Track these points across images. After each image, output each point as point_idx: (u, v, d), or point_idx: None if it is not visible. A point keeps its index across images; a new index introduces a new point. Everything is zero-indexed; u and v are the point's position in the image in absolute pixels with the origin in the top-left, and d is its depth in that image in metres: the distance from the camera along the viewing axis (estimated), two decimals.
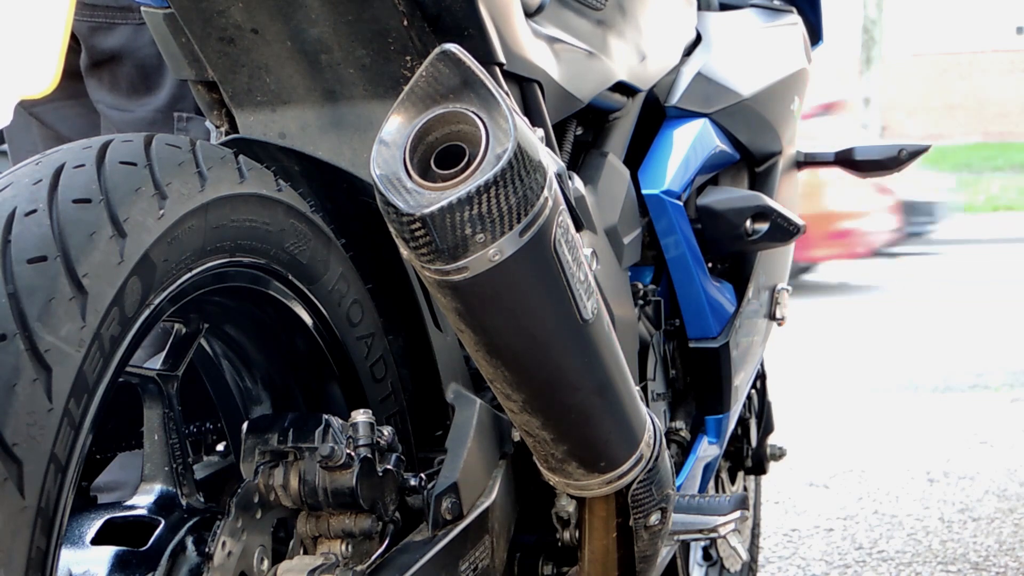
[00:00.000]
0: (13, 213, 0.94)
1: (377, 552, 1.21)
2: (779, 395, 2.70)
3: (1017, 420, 4.19)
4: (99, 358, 0.94)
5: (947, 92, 25.73)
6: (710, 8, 2.15)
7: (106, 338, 0.94)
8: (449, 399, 1.35)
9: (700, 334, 1.94)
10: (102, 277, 0.95)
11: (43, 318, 0.90)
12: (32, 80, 1.13)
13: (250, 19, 1.31)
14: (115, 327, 0.96)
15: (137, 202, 1.00)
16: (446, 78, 1.07)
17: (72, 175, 0.98)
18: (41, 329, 0.89)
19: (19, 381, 0.87)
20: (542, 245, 1.09)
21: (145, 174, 1.02)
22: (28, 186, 0.97)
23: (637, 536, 1.42)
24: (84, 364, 0.92)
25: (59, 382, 0.90)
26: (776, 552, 2.93)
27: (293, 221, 1.19)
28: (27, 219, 0.94)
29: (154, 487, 1.15)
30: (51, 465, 0.89)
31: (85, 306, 0.92)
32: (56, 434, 0.89)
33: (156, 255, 1.00)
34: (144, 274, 0.99)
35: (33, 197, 0.96)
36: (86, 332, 0.92)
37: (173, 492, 1.15)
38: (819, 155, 2.42)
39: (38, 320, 0.89)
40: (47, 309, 0.90)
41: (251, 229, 1.13)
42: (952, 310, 6.66)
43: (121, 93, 1.81)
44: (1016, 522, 3.10)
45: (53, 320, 0.90)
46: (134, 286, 0.98)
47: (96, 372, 0.93)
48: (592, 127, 1.75)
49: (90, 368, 0.92)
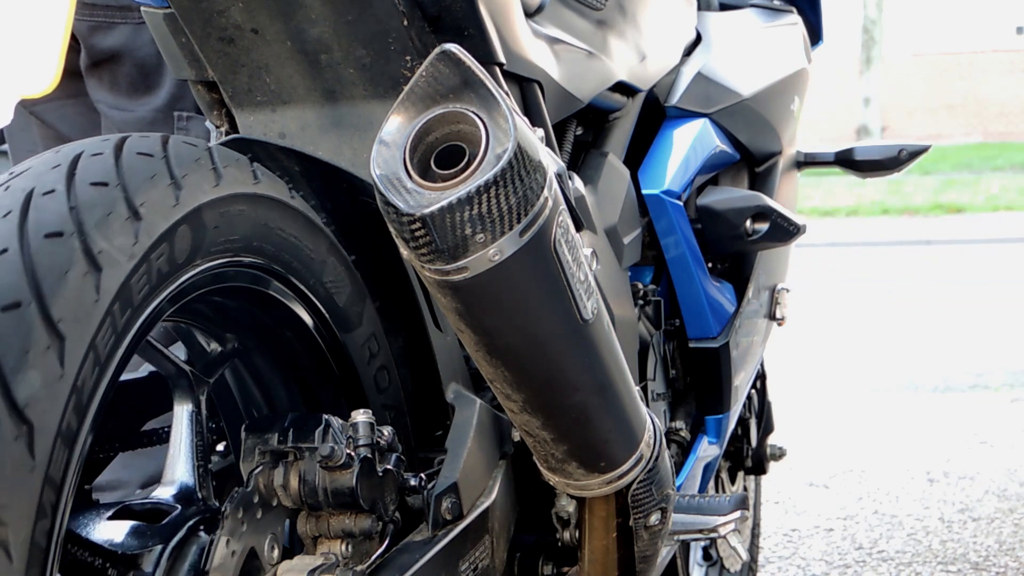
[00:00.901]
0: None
1: (377, 552, 1.21)
2: (779, 395, 2.70)
3: (1017, 420, 4.19)
4: (111, 334, 0.94)
5: (947, 92, 25.73)
6: (710, 8, 2.15)
7: (117, 315, 0.95)
8: (449, 399, 1.35)
9: (700, 334, 1.94)
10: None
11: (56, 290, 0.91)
12: (33, 79, 1.13)
13: (250, 19, 1.31)
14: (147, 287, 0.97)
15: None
16: (446, 78, 1.07)
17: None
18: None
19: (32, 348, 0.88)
20: (542, 245, 1.09)
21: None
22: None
23: (637, 536, 1.42)
24: (98, 333, 0.93)
25: (72, 350, 0.90)
26: (776, 552, 2.93)
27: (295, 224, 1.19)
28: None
29: (175, 481, 1.16)
30: (61, 430, 0.89)
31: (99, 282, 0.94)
32: (67, 401, 0.90)
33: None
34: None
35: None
36: (99, 306, 0.93)
37: (193, 487, 1.16)
38: (819, 155, 2.42)
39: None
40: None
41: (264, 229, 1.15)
42: (952, 310, 6.66)
43: (121, 92, 1.81)
44: (1016, 522, 3.10)
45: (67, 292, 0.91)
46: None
47: (108, 348, 0.94)
48: (592, 127, 1.75)
49: (102, 341, 0.93)
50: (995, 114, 25.43)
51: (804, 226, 2.01)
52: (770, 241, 1.98)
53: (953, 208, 13.17)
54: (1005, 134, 24.28)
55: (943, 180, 15.27)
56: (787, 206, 2.09)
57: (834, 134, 21.52)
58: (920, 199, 13.76)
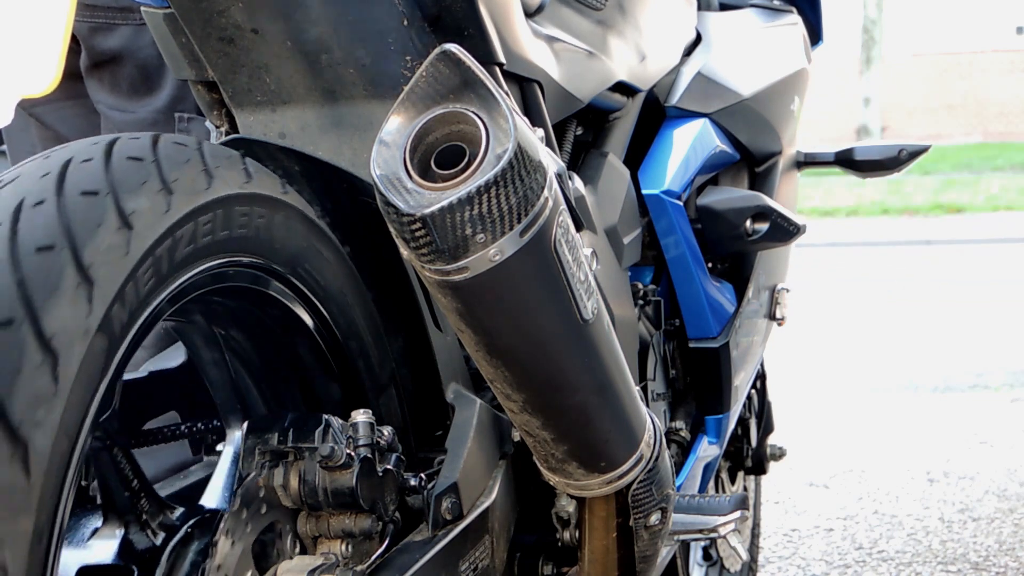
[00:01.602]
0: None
1: (377, 552, 1.21)
2: (779, 395, 2.70)
3: (1017, 420, 4.19)
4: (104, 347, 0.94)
5: (947, 92, 25.73)
6: (710, 8, 2.16)
7: (115, 322, 0.95)
8: (449, 399, 1.35)
9: (700, 334, 1.94)
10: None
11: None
12: (33, 79, 1.13)
13: (250, 19, 1.31)
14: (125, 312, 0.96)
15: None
16: (446, 78, 1.07)
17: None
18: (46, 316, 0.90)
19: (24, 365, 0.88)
20: (542, 245, 1.09)
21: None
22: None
23: (637, 536, 1.42)
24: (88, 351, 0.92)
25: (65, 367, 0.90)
26: (776, 552, 2.93)
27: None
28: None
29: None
30: (57, 446, 0.89)
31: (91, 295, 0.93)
32: (61, 417, 0.89)
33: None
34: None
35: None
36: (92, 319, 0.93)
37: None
38: (819, 155, 2.42)
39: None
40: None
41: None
42: (952, 310, 6.66)
43: (122, 94, 1.81)
44: (1016, 522, 3.10)
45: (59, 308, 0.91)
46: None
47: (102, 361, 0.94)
48: (592, 127, 1.75)
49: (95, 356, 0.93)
50: (995, 114, 25.43)
51: (804, 226, 2.01)
52: (770, 241, 1.98)
53: (953, 208, 13.17)
54: (1005, 134, 24.28)
55: (943, 180, 15.27)
56: (787, 206, 2.09)
57: (834, 134, 21.53)
58: (920, 199, 13.76)
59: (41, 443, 0.87)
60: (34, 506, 0.87)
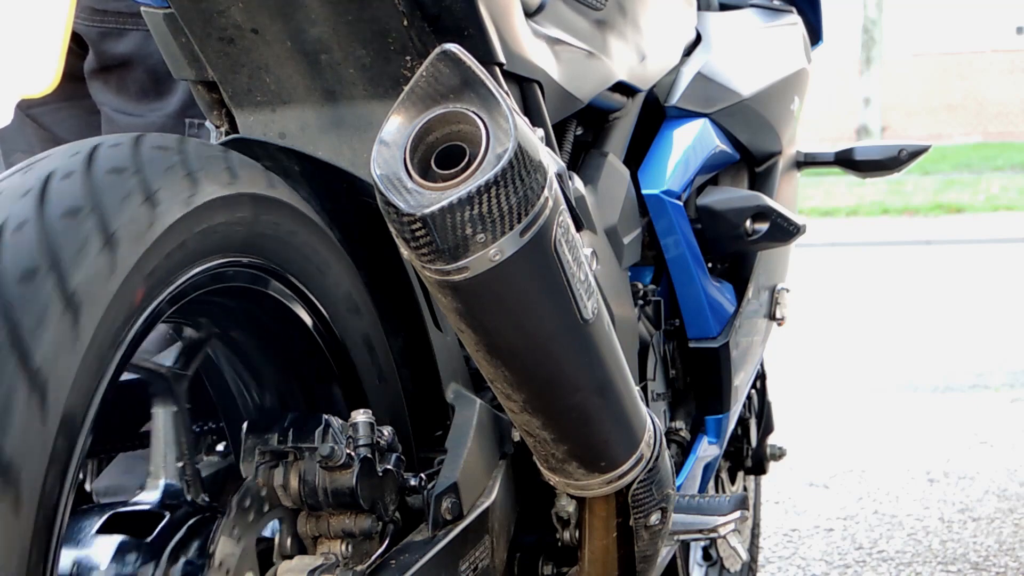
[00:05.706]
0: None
1: (377, 552, 1.21)
2: (779, 395, 2.70)
3: (1017, 420, 4.19)
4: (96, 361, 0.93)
5: (947, 92, 25.73)
6: (710, 8, 2.15)
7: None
8: (449, 399, 1.35)
9: (700, 334, 1.94)
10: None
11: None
12: (33, 79, 1.13)
13: (250, 19, 1.31)
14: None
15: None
16: (446, 78, 1.07)
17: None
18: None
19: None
20: (542, 245, 1.09)
21: None
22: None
23: (637, 536, 1.42)
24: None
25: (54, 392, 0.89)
26: (776, 552, 2.93)
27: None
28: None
29: (159, 483, 1.16)
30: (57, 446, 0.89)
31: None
32: (53, 444, 0.89)
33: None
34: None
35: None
36: None
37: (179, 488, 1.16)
38: (819, 155, 2.42)
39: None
40: None
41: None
42: (952, 310, 6.66)
43: (130, 97, 1.81)
44: (1016, 522, 3.10)
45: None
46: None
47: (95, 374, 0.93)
48: (592, 127, 1.75)
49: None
50: (995, 114, 25.44)
51: (804, 226, 2.01)
52: (770, 241, 1.98)
53: (953, 208, 13.18)
54: (1005, 134, 24.29)
55: (943, 180, 15.27)
56: (787, 206, 2.09)
57: (834, 134, 21.55)
58: (920, 199, 13.77)
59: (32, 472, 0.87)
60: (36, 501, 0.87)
